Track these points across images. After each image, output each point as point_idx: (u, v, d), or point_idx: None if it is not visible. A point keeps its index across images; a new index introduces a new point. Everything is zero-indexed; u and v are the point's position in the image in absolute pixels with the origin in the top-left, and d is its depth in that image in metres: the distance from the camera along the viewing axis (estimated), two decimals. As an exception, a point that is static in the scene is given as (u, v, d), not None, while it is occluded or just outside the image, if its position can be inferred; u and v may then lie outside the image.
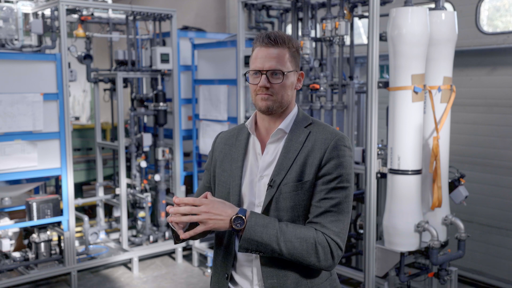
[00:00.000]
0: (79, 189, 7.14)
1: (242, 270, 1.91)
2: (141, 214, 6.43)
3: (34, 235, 5.37)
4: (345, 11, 4.69)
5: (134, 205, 6.43)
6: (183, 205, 1.75)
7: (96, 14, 6.21)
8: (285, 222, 1.80)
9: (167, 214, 1.91)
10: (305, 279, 1.85)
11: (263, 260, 1.84)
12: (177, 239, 1.92)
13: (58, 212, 5.35)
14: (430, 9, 4.19)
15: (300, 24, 5.37)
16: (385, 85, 4.20)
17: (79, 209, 7.11)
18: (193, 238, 1.89)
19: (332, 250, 1.77)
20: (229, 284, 1.94)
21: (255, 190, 1.89)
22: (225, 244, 1.93)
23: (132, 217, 6.55)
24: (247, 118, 5.39)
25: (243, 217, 1.75)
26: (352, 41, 5.06)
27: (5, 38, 5.34)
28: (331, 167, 1.81)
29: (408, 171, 4.08)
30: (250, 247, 1.75)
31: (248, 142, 1.98)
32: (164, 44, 6.44)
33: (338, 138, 1.85)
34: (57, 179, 6.24)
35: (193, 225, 1.81)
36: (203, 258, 6.17)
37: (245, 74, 1.95)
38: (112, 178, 6.87)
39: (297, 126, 1.91)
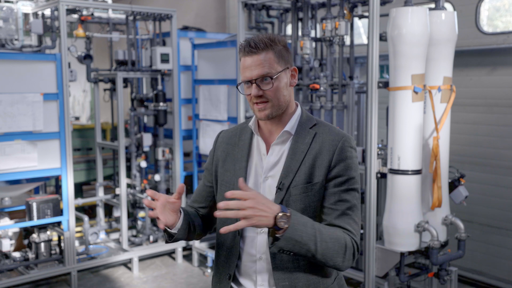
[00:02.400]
0: (79, 189, 7.14)
1: (246, 270, 1.90)
2: (141, 214, 6.43)
3: (34, 235, 5.37)
4: (345, 11, 4.69)
5: (134, 205, 6.43)
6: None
7: (96, 14, 6.21)
8: (317, 222, 1.76)
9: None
10: (316, 280, 1.86)
11: (274, 263, 1.83)
12: (169, 239, 1.87)
13: (58, 212, 5.35)
14: (430, 9, 4.19)
15: (300, 24, 5.37)
16: (385, 85, 4.20)
17: (79, 209, 7.11)
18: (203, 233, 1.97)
19: (355, 252, 1.79)
20: (232, 285, 1.93)
21: (260, 192, 1.87)
22: (229, 244, 1.92)
23: (132, 217, 6.55)
24: (247, 118, 5.39)
25: (288, 215, 1.64)
26: (352, 41, 5.06)
27: (5, 38, 5.34)
28: (341, 169, 1.81)
29: (408, 171, 4.08)
30: (287, 246, 1.66)
31: (252, 142, 1.96)
32: (164, 44, 6.44)
33: (345, 139, 1.85)
34: (57, 179, 6.24)
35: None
36: (203, 258, 6.17)
37: (237, 87, 1.93)
38: (112, 178, 6.87)
39: (302, 128, 1.90)
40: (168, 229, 1.83)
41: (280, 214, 1.63)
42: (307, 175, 1.82)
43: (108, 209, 6.97)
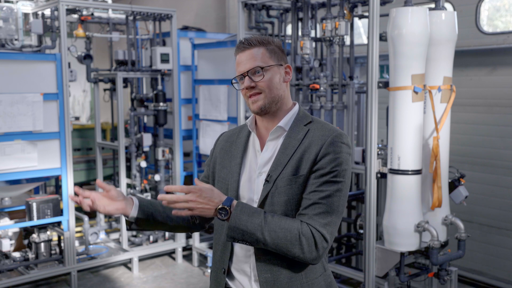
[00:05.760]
0: (79, 189, 7.13)
1: (241, 265, 1.93)
2: (141, 214, 6.41)
3: (34, 235, 5.37)
4: (345, 11, 4.69)
5: (134, 205, 6.41)
6: (172, 192, 1.80)
7: (96, 14, 6.21)
8: (271, 213, 1.82)
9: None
10: (299, 274, 1.87)
11: (258, 255, 1.87)
12: (128, 226, 1.97)
13: (58, 212, 5.35)
14: (430, 9, 4.19)
15: (300, 24, 5.37)
16: (385, 85, 4.20)
17: (79, 209, 7.11)
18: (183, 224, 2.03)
19: (317, 242, 1.77)
20: (228, 281, 1.96)
21: (254, 187, 1.92)
22: (223, 240, 1.95)
23: (132, 217, 6.54)
24: (247, 118, 5.39)
25: (227, 208, 1.77)
26: (352, 41, 5.06)
27: (5, 38, 5.34)
28: (325, 162, 1.82)
29: (408, 171, 4.08)
30: (236, 235, 1.78)
31: (248, 140, 2.01)
32: (164, 44, 6.44)
33: (336, 135, 1.86)
34: (57, 179, 6.24)
35: None
36: (203, 258, 6.17)
37: (232, 84, 1.99)
38: (112, 178, 6.87)
39: (297, 124, 1.93)
40: (126, 218, 1.95)
41: (220, 206, 1.77)
42: (294, 168, 1.84)
43: (108, 209, 6.96)
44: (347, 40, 5.01)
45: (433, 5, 4.30)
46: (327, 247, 1.80)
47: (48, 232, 5.42)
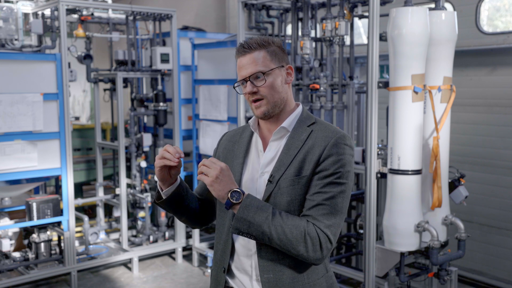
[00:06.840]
0: (79, 189, 7.14)
1: (242, 265, 1.93)
2: (141, 214, 6.43)
3: (34, 235, 5.37)
4: (345, 11, 4.69)
5: (134, 205, 6.43)
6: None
7: (96, 14, 6.21)
8: (279, 210, 1.82)
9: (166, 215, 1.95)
10: (301, 275, 1.87)
11: (260, 254, 1.87)
12: (157, 199, 1.98)
13: (58, 212, 5.35)
14: (430, 9, 4.19)
15: (300, 24, 5.37)
16: (385, 85, 4.20)
17: (79, 209, 7.11)
18: (184, 208, 2.01)
19: (321, 242, 1.78)
20: (229, 279, 1.97)
21: (256, 186, 1.92)
22: (224, 239, 1.96)
23: (132, 217, 6.55)
24: (247, 118, 5.39)
25: (241, 193, 1.78)
26: (352, 41, 5.06)
27: (5, 38, 5.34)
28: (329, 163, 1.82)
29: (408, 171, 4.08)
30: (242, 227, 1.78)
31: (251, 139, 2.02)
32: (164, 44, 6.44)
33: (339, 136, 1.86)
34: (57, 179, 6.24)
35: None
36: (203, 258, 6.17)
37: (234, 88, 1.98)
38: (112, 178, 6.87)
39: (300, 125, 1.93)
40: (160, 191, 1.96)
41: (234, 190, 1.78)
42: (297, 169, 1.85)
43: (108, 209, 6.97)
44: (347, 40, 5.01)
45: (433, 5, 4.30)
46: (331, 248, 1.81)
47: (48, 232, 5.42)
